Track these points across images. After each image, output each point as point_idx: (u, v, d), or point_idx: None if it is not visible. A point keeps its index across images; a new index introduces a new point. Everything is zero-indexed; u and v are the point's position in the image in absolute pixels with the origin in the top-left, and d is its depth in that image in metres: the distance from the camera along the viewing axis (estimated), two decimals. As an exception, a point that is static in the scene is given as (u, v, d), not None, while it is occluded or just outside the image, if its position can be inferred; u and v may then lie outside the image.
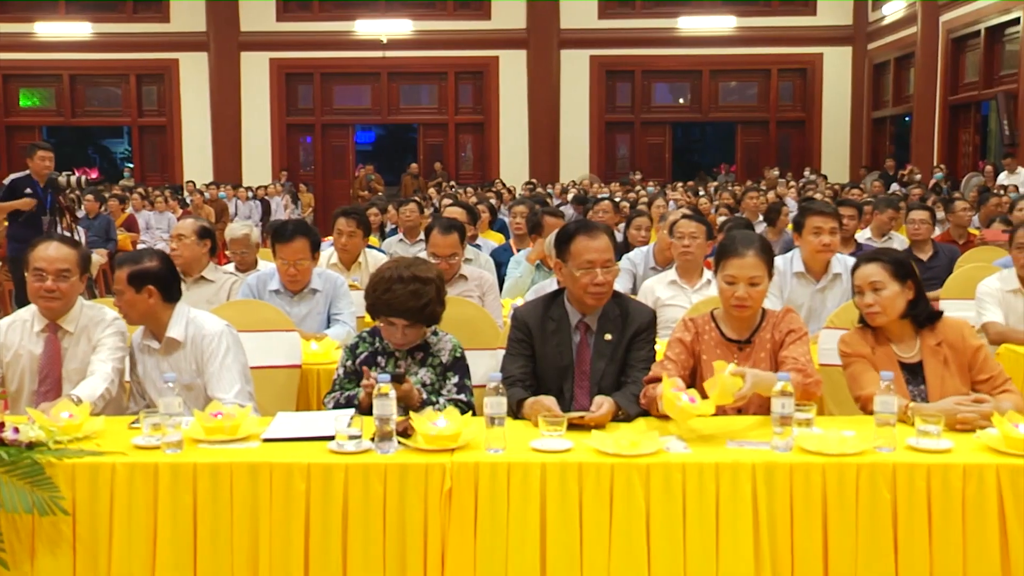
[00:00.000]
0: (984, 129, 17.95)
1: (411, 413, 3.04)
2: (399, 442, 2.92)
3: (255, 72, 21.49)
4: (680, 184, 18.05)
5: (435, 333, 3.62)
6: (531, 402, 3.23)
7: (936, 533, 2.73)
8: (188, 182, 19.06)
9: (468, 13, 21.99)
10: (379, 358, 3.59)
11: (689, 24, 22.00)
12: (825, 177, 18.58)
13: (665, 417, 3.10)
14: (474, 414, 3.34)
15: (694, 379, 3.40)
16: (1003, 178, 14.10)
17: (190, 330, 3.65)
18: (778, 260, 5.04)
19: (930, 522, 2.73)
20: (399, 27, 21.43)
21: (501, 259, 6.50)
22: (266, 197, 18.22)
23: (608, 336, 3.49)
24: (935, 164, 17.56)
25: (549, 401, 3.20)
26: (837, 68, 22.08)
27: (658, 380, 3.25)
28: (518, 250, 6.70)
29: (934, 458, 2.79)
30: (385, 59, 21.39)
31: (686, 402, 2.88)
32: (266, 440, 3.03)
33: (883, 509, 2.74)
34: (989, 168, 15.03)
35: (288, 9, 21.79)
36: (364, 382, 3.36)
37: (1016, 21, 15.70)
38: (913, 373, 3.38)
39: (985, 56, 16.91)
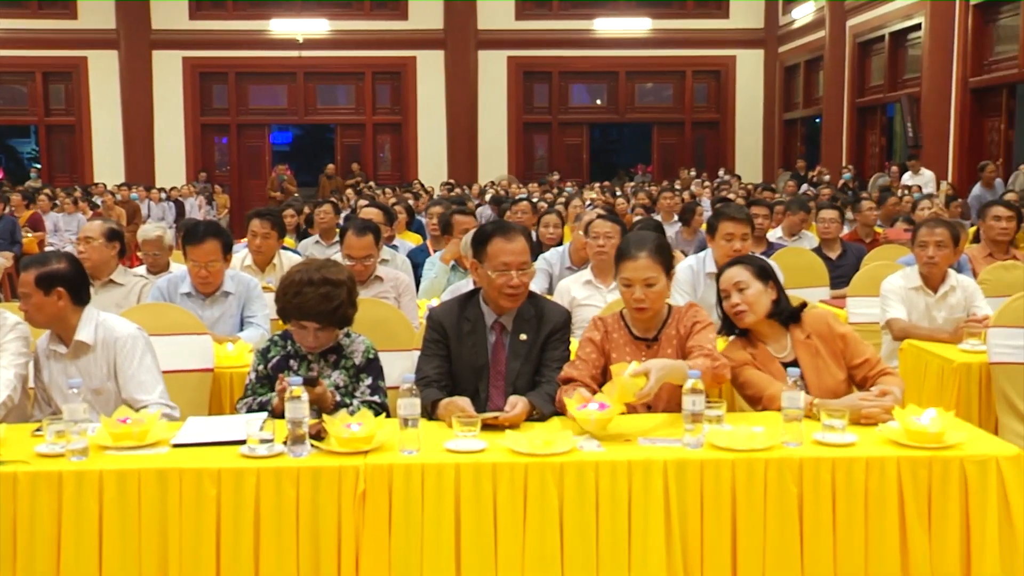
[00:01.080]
0: (890, 131, 18.46)
1: (324, 416, 3.02)
2: (312, 445, 2.89)
3: (167, 71, 21.11)
4: (597, 184, 18.21)
5: (348, 335, 3.60)
6: (445, 403, 3.23)
7: (840, 524, 2.80)
8: (98, 183, 18.61)
9: (385, 13, 21.90)
10: (291, 361, 3.55)
11: (605, 26, 22.22)
12: (739, 177, 18.92)
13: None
14: (388, 416, 3.33)
15: (606, 377, 3.43)
16: (907, 178, 14.51)
17: (100, 333, 3.57)
18: (691, 260, 5.13)
19: (834, 513, 2.80)
20: (315, 27, 21.24)
21: (418, 260, 6.48)
22: (180, 198, 17.89)
23: (523, 336, 3.51)
24: (844, 164, 18.01)
25: (463, 402, 3.20)
26: (750, 70, 22.50)
27: (570, 380, 3.29)
28: (435, 251, 6.69)
29: (839, 452, 2.86)
30: (301, 59, 21.18)
31: (597, 412, 2.88)
32: (176, 445, 2.98)
33: (790, 502, 2.80)
34: (895, 169, 15.46)
35: (201, 7, 21.46)
36: (277, 386, 3.32)
37: (918, 27, 16.19)
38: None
39: (890, 60, 17.41)
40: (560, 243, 6.94)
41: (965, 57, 14.74)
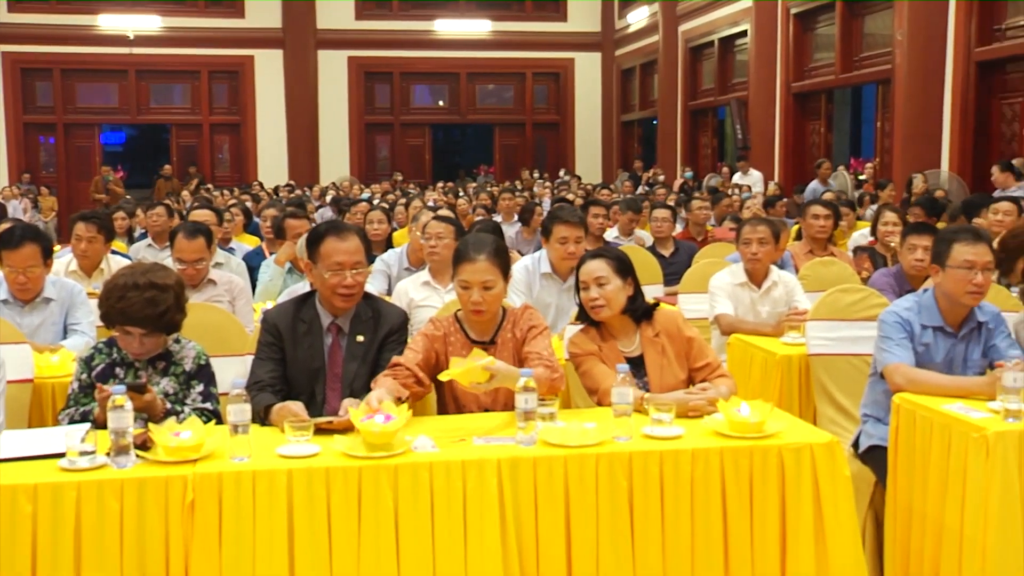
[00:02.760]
0: (721, 132, 19.18)
1: (150, 424, 2.92)
2: (137, 455, 2.79)
3: (-15, 67, 20.04)
4: (440, 184, 18.26)
5: (177, 341, 3.49)
6: (278, 408, 3.18)
7: (668, 514, 2.88)
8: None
9: (220, 11, 21.35)
10: (117, 369, 3.42)
11: (446, 27, 22.27)
12: (579, 178, 19.27)
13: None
14: (220, 422, 3.25)
15: (434, 372, 3.44)
16: (738, 178, 15.11)
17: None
18: (526, 260, 5.19)
19: (662, 504, 2.88)
20: (147, 23, 20.53)
21: (254, 263, 6.35)
22: (2, 201, 16.97)
23: (360, 338, 3.49)
24: (680, 165, 18.60)
25: (296, 406, 3.15)
26: (588, 73, 22.96)
27: (396, 365, 3.31)
28: (271, 253, 6.57)
29: (666, 445, 2.94)
30: (133, 56, 20.43)
31: (382, 424, 2.85)
32: (-12, 461, 2.83)
33: (620, 496, 2.86)
34: (726, 169, 16.05)
35: None
36: (97, 395, 3.19)
37: (744, 33, 16.86)
38: (636, 366, 3.54)
39: (719, 65, 18.08)
40: (387, 240, 6.94)
41: (787, 63, 15.44)
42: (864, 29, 14.05)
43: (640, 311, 3.60)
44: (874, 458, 3.71)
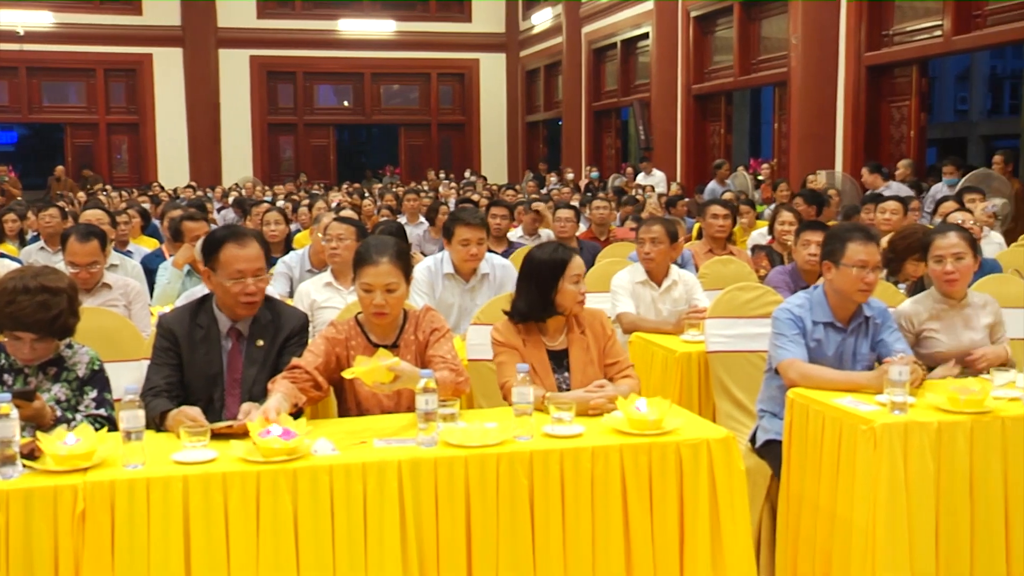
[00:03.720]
0: (624, 133, 19.43)
1: (39, 432, 2.83)
2: (24, 465, 2.71)
3: None
4: (344, 185, 18.13)
5: (70, 346, 3.40)
6: (174, 413, 3.12)
7: (568, 513, 2.91)
8: None
9: (116, 7, 20.83)
10: (5, 376, 3.31)
11: (349, 27, 22.12)
12: (485, 178, 19.31)
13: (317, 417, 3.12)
14: (115, 429, 3.17)
15: (342, 380, 3.43)
16: (641, 178, 15.30)
17: None
18: (429, 261, 5.18)
19: (563, 503, 2.90)
20: (38, 19, 19.90)
21: (153, 265, 6.21)
22: None
23: (260, 342, 3.44)
24: (585, 165, 18.77)
25: (193, 411, 3.09)
26: (493, 74, 23.03)
27: (296, 368, 3.27)
28: (170, 255, 6.44)
29: (567, 443, 2.97)
30: (23, 52, 19.78)
31: (279, 440, 2.82)
32: None
33: (521, 495, 2.88)
34: (629, 170, 16.26)
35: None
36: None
37: (646, 36, 17.11)
38: (559, 361, 3.60)
39: (622, 66, 18.32)
40: (286, 241, 6.87)
41: (688, 65, 15.72)
42: (761, 32, 14.38)
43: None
44: (770, 452, 3.80)
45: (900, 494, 3.13)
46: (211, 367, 3.39)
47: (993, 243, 6.77)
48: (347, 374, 3.19)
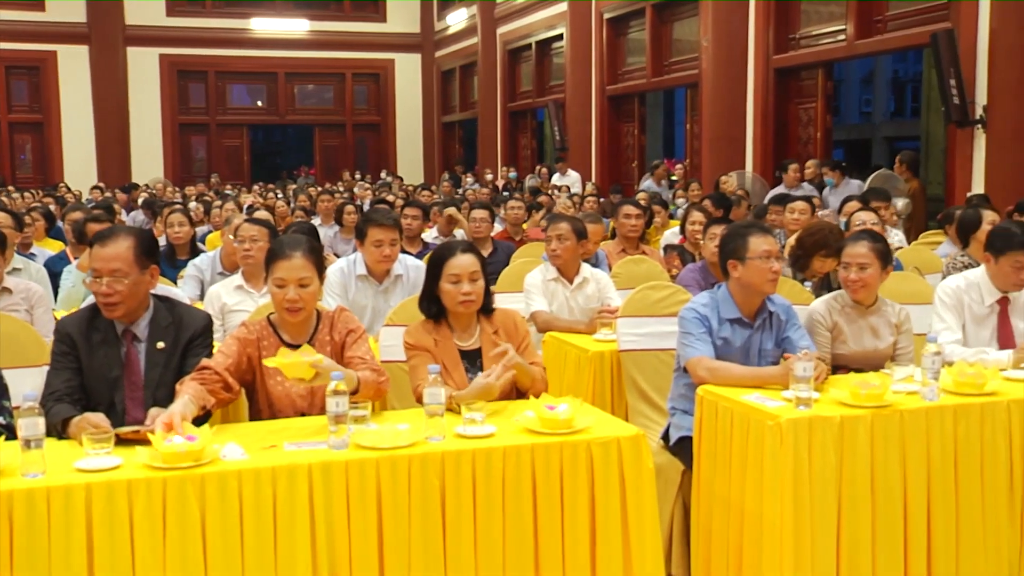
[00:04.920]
0: (540, 134, 19.52)
1: (-70, 444, 2.74)
2: (-83, 477, 2.62)
3: None
4: (256, 186, 17.90)
5: (-34, 353, 3.30)
6: (77, 420, 3.04)
7: (480, 513, 2.91)
8: None
9: (19, 3, 20.21)
10: (-103, 385, 3.20)
11: (262, 26, 21.84)
12: (401, 179, 19.23)
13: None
14: (14, 437, 3.07)
15: (254, 381, 3.39)
16: (557, 179, 15.39)
17: None
18: (342, 262, 5.14)
19: (475, 503, 2.91)
20: (-67, 14, 19.24)
21: (57, 268, 6.05)
22: None
23: (160, 344, 3.37)
24: (501, 166, 18.81)
25: (97, 417, 3.02)
26: (408, 74, 22.94)
27: (205, 368, 3.23)
28: (75, 258, 6.28)
29: (478, 443, 2.97)
30: (-82, 49, 19.13)
31: (186, 444, 2.77)
32: None
33: (433, 496, 2.87)
34: (544, 170, 16.34)
35: None
36: None
37: (561, 37, 17.21)
38: (472, 360, 3.61)
39: (537, 67, 18.40)
40: (191, 243, 6.76)
41: (602, 67, 15.85)
42: (673, 35, 14.57)
43: (486, 307, 3.67)
44: (682, 449, 3.85)
45: (804, 487, 3.20)
46: (110, 370, 3.32)
47: (894, 242, 6.97)
48: (268, 362, 3.17)
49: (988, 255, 4.14)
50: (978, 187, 8.99)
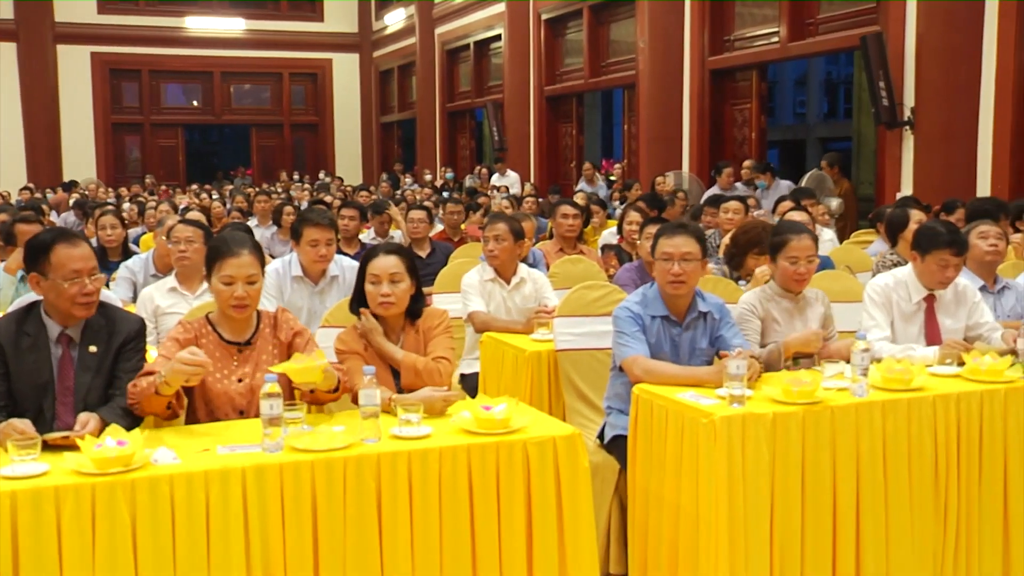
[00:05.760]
0: (479, 134, 19.53)
1: None
2: None
3: None
4: (192, 187, 17.66)
5: None
6: (2, 427, 2.97)
7: (416, 514, 2.90)
8: None
9: (-60, 0, 19.75)
10: None
11: (197, 24, 21.57)
12: (341, 179, 19.10)
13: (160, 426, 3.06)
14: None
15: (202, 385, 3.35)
16: (496, 179, 15.41)
17: None
18: (277, 263, 5.10)
19: (411, 504, 2.90)
20: None
21: (-16, 272, 5.91)
22: None
23: (93, 348, 3.30)
24: (440, 166, 18.77)
25: (22, 423, 2.95)
26: (346, 74, 22.81)
27: (150, 373, 3.17)
28: (1, 261, 6.14)
29: (414, 444, 2.96)
30: None
31: (116, 448, 2.72)
32: None
33: (369, 498, 2.86)
34: (484, 171, 16.35)
35: None
36: None
37: (499, 37, 17.24)
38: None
39: (475, 68, 18.41)
40: (122, 244, 6.66)
41: (540, 67, 15.91)
42: (610, 36, 14.67)
43: (412, 311, 3.68)
44: (618, 447, 3.88)
45: (738, 484, 3.24)
46: (40, 376, 3.25)
47: (826, 240, 7.08)
48: (277, 369, 3.13)
49: (915, 253, 4.23)
50: (907, 187, 9.19)
